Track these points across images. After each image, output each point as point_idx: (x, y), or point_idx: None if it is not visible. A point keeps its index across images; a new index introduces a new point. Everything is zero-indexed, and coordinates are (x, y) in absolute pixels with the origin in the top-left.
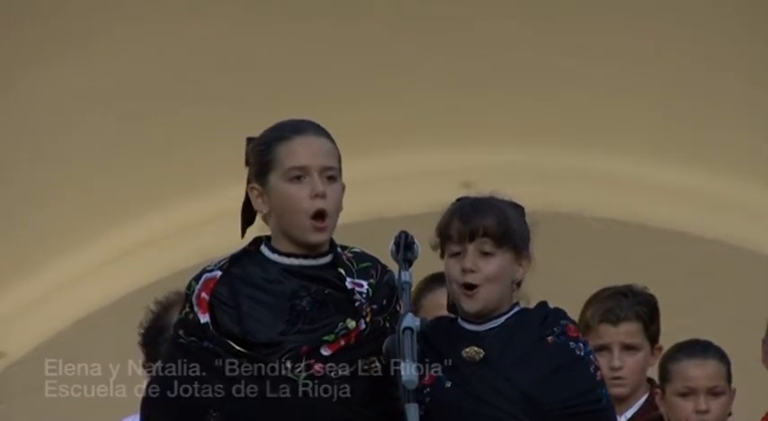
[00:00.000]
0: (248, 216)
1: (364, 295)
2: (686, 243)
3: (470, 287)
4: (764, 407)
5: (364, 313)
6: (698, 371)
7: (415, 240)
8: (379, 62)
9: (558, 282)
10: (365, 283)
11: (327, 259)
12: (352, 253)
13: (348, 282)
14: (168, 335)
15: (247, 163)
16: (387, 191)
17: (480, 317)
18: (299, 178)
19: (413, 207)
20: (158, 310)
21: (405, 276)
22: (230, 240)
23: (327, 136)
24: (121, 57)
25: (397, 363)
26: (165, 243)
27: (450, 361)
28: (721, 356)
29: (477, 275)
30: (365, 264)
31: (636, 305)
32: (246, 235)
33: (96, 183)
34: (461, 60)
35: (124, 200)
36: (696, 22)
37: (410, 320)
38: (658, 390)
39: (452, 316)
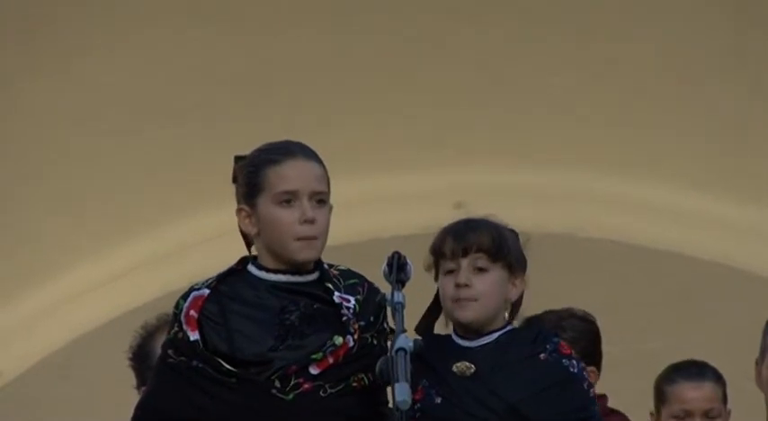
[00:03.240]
0: (248, 237)
1: (351, 310)
2: (679, 263)
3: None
4: None
5: (352, 330)
6: (695, 394)
7: (408, 261)
8: (371, 81)
9: (551, 302)
10: (352, 299)
11: (314, 276)
12: (338, 270)
13: (336, 297)
14: (153, 359)
15: (234, 180)
16: (379, 211)
17: (471, 331)
18: (288, 202)
19: (406, 227)
20: (145, 334)
21: (397, 297)
22: (222, 261)
23: (317, 159)
24: (113, 72)
25: (389, 384)
26: (158, 264)
27: (441, 376)
28: (717, 378)
29: (471, 291)
30: (352, 281)
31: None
32: (234, 253)
33: (87, 203)
34: (454, 80)
35: (116, 220)
36: (686, 43)
37: (403, 341)
38: (653, 412)
39: (442, 334)
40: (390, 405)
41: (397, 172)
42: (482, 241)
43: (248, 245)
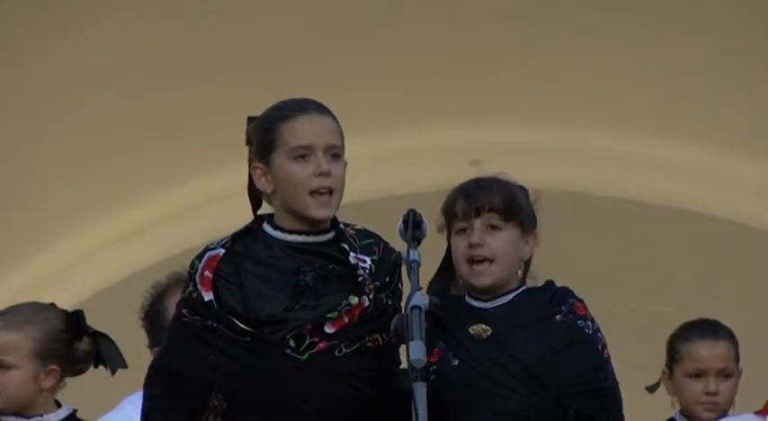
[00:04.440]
0: (256, 199)
1: (367, 271)
2: (694, 221)
3: (481, 261)
4: None
5: (367, 290)
6: (709, 353)
7: (424, 219)
8: (386, 40)
9: (565, 260)
10: (368, 259)
11: (330, 235)
12: (354, 230)
13: (351, 257)
14: (165, 319)
15: (248, 142)
16: (395, 169)
17: (488, 294)
18: (303, 157)
19: (421, 185)
20: (155, 294)
21: (413, 255)
22: (238, 218)
23: (330, 114)
24: (123, 36)
25: (404, 342)
26: (173, 222)
27: (457, 338)
28: (731, 337)
29: (485, 249)
30: (368, 241)
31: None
32: (246, 213)
33: (102, 162)
34: (469, 38)
35: (131, 179)
36: (699, 1)
37: (418, 299)
38: (665, 370)
39: (456, 295)
40: (404, 363)
41: (413, 129)
42: (494, 201)
43: (254, 207)
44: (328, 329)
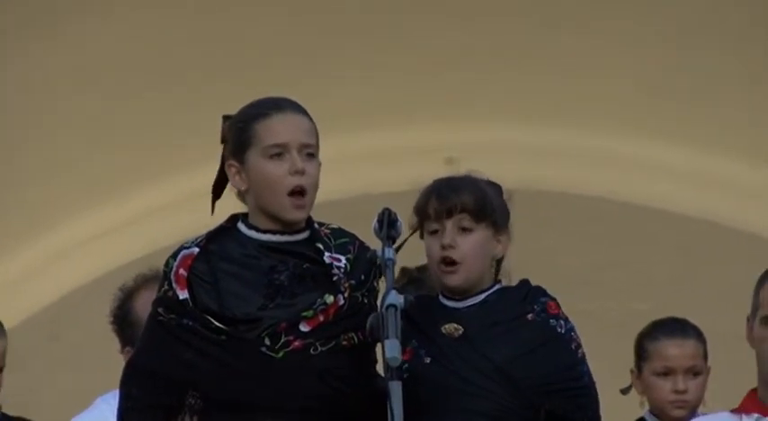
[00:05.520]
0: (217, 191)
1: (342, 269)
2: (671, 221)
3: (451, 263)
4: (748, 385)
5: (342, 288)
6: (677, 351)
7: (399, 218)
8: (362, 40)
9: (543, 259)
10: (343, 258)
11: (305, 235)
12: (329, 229)
13: (326, 257)
14: (133, 320)
15: (223, 141)
16: (370, 168)
17: (461, 294)
18: (278, 155)
19: (396, 184)
20: (123, 296)
21: (388, 253)
22: (211, 218)
23: (306, 113)
24: (107, 35)
25: (380, 340)
26: (147, 220)
27: (431, 337)
28: (698, 335)
29: (456, 251)
30: (343, 240)
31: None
32: (223, 212)
33: (79, 161)
34: (446, 37)
35: (106, 178)
36: (685, 2)
37: (394, 298)
38: (633, 369)
39: (430, 295)
40: (380, 362)
41: (389, 128)
42: (465, 201)
43: (214, 201)
44: (303, 328)
